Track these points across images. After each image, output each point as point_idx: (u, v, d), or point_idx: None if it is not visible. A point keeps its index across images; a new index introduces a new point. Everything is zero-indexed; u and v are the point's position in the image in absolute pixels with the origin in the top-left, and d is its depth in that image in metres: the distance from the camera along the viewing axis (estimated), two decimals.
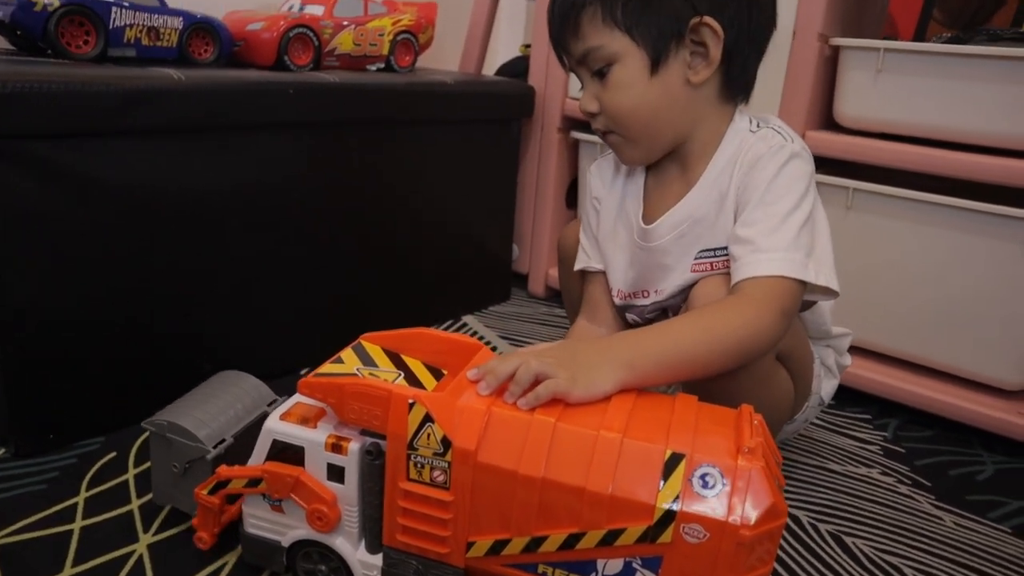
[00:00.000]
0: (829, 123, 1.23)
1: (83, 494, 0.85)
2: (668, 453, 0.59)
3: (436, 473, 0.63)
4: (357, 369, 0.71)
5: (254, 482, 0.68)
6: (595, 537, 0.60)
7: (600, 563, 0.61)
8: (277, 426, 0.68)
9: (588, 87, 0.82)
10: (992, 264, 1.08)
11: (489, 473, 0.61)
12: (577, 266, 0.96)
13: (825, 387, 0.94)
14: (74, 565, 0.74)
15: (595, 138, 1.40)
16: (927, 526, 0.92)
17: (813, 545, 0.86)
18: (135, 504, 0.84)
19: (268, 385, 0.85)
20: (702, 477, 0.59)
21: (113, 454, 0.93)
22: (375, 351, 0.75)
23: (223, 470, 0.70)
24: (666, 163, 0.87)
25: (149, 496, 0.85)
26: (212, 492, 0.72)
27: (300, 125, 1.07)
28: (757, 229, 0.75)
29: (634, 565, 0.60)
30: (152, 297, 0.97)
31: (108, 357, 0.95)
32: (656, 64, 0.77)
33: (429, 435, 0.62)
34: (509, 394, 0.64)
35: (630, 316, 0.92)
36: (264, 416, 0.81)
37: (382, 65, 1.30)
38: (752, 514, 0.57)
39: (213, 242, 1.01)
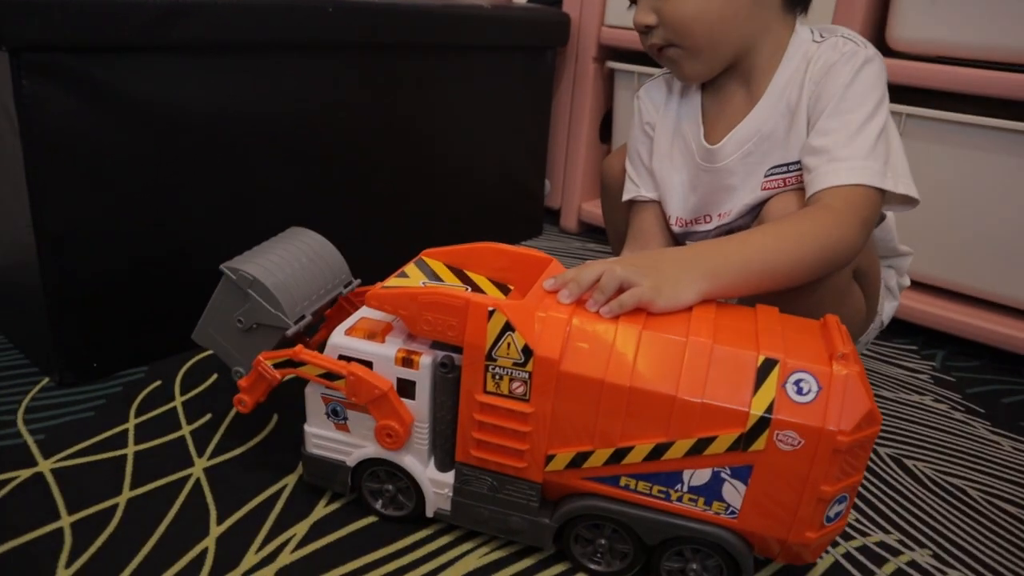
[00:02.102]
0: (882, 48, 1.18)
1: (132, 420, 0.83)
2: (761, 359, 0.57)
3: (515, 384, 0.60)
4: (423, 283, 0.69)
5: (332, 376, 0.65)
6: (683, 447, 0.58)
7: (687, 474, 0.59)
8: (343, 341, 0.65)
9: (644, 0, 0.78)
10: None
11: (572, 383, 0.59)
12: (626, 196, 0.92)
13: (886, 309, 0.91)
14: (132, 488, 0.72)
15: (632, 67, 1.36)
16: (986, 450, 0.91)
17: (875, 467, 0.85)
18: (186, 430, 0.82)
19: None
20: (796, 383, 0.57)
21: (158, 383, 0.91)
22: (438, 267, 0.73)
23: (303, 352, 0.66)
24: (725, 80, 0.83)
25: (200, 422, 0.83)
26: (279, 366, 0.68)
27: (336, 47, 1.03)
28: (833, 138, 0.72)
29: (722, 475, 0.59)
30: (190, 224, 0.94)
31: (149, 285, 0.92)
32: None
33: (509, 344, 0.59)
34: (592, 302, 0.61)
35: (682, 246, 0.89)
36: (340, 297, 0.79)
37: None
38: (849, 420, 0.55)
39: (246, 165, 0.98)
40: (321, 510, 0.71)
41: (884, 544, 0.73)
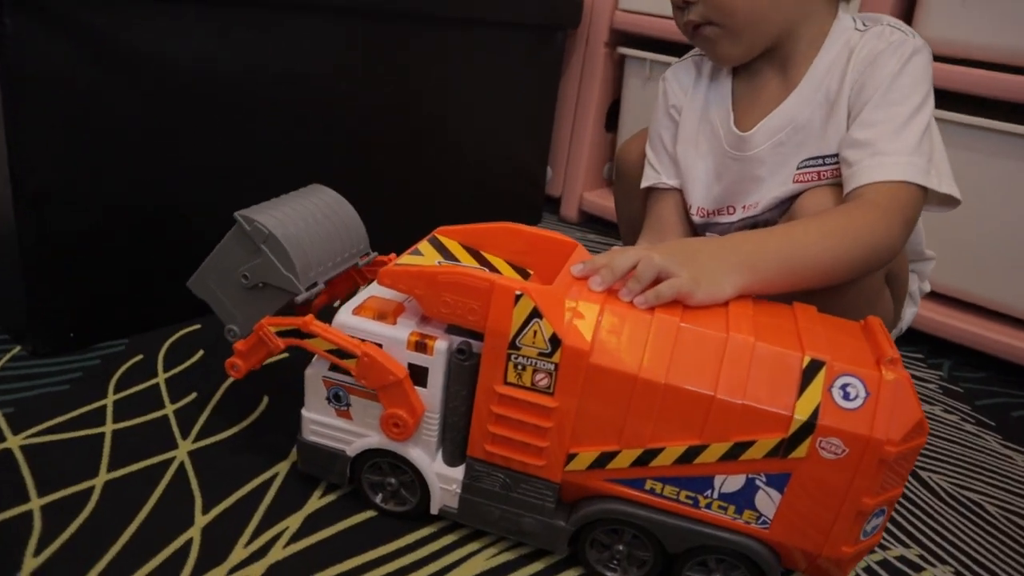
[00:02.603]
0: None
1: (111, 396, 0.77)
2: (807, 360, 0.53)
3: (539, 376, 0.56)
4: (438, 262, 0.64)
5: (343, 354, 0.59)
6: (719, 450, 0.54)
7: (718, 479, 0.55)
8: (350, 321, 0.60)
9: None
10: None
11: (602, 377, 0.55)
12: (645, 183, 0.87)
13: (907, 315, 0.88)
14: (110, 469, 0.67)
15: (644, 54, 1.32)
16: (1000, 464, 0.88)
17: None
18: (169, 409, 0.77)
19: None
20: (843, 387, 0.53)
21: (139, 357, 0.85)
22: (453, 246, 0.68)
23: (314, 323, 0.60)
24: (759, 64, 0.79)
25: (185, 401, 0.78)
26: (283, 335, 0.62)
27: (342, 10, 0.98)
28: (878, 131, 0.68)
29: (757, 482, 0.55)
30: (183, 187, 0.88)
31: (135, 251, 0.86)
32: None
33: (535, 333, 0.55)
34: (627, 291, 0.57)
35: (711, 236, 0.85)
36: (354, 269, 0.74)
37: None
38: (899, 429, 0.52)
39: (244, 131, 0.92)
40: (315, 502, 0.66)
41: (905, 559, 0.70)
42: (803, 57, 0.75)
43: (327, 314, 0.63)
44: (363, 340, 0.59)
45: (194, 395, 0.79)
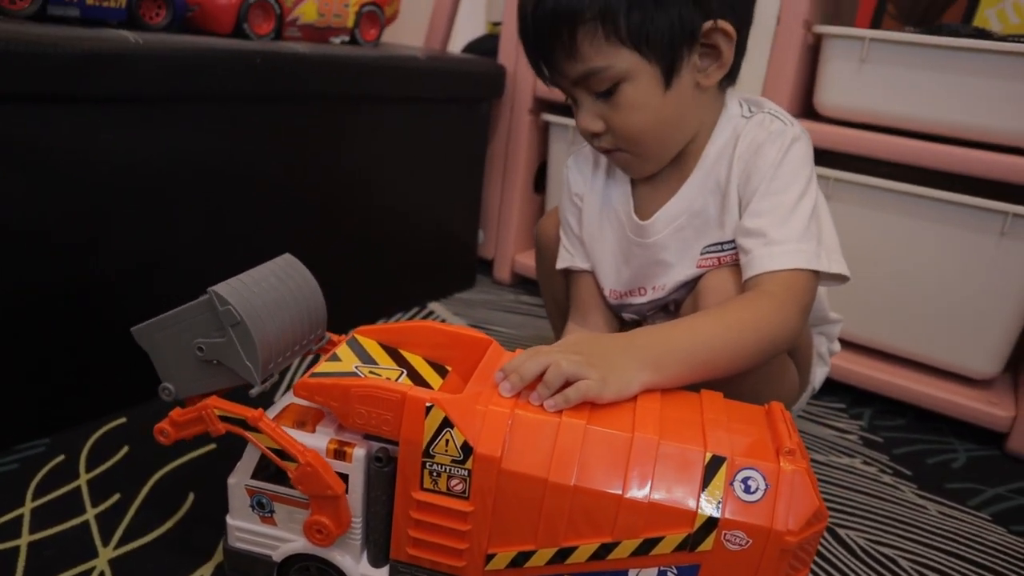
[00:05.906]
0: (809, 112, 1.22)
1: (29, 504, 0.76)
2: (709, 456, 0.56)
3: (454, 482, 0.57)
4: (356, 367, 0.65)
5: (284, 456, 0.59)
6: (629, 547, 0.56)
7: (632, 573, 0.57)
8: None
9: (588, 107, 0.75)
10: (967, 255, 1.09)
11: (514, 481, 0.56)
12: (560, 265, 0.90)
13: (817, 375, 0.92)
14: None
15: (567, 120, 1.36)
16: (914, 516, 0.92)
17: None
18: (91, 514, 0.75)
19: None
20: (744, 481, 0.56)
21: (61, 457, 0.83)
22: (372, 347, 0.69)
23: (264, 420, 0.59)
24: None
25: (107, 504, 0.77)
26: (226, 420, 0.61)
27: (265, 98, 0.99)
28: (767, 220, 0.72)
29: (669, 574, 0.57)
30: (102, 280, 0.87)
31: (54, 346, 0.85)
32: (670, 77, 0.72)
33: (447, 441, 0.56)
34: (536, 396, 0.59)
35: (627, 315, 0.88)
36: (309, 355, 0.74)
37: (347, 38, 1.22)
38: (797, 520, 0.54)
39: (166, 222, 0.92)
40: None
41: None
42: (695, 147, 0.79)
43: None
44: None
45: (117, 496, 0.78)
